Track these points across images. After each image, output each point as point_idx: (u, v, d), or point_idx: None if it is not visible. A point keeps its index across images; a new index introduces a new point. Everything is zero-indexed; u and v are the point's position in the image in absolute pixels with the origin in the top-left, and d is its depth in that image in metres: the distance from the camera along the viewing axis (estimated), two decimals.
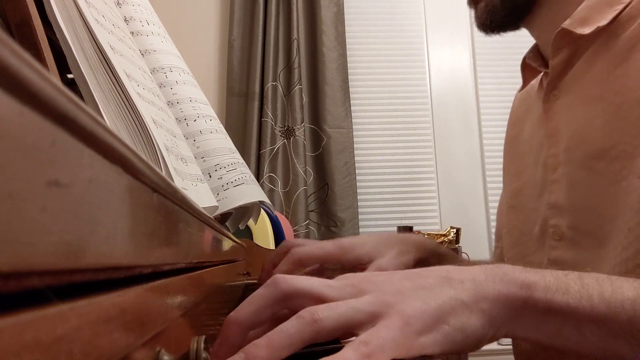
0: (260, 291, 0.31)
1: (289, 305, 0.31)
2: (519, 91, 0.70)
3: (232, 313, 0.30)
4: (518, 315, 0.31)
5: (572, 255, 0.53)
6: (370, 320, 0.28)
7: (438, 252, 0.63)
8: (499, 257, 0.75)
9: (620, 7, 0.50)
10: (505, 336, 0.32)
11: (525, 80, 0.67)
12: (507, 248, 0.66)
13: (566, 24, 0.52)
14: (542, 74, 0.64)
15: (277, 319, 0.31)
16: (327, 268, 0.59)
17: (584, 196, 0.51)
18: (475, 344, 0.30)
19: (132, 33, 0.59)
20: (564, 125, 0.55)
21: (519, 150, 0.68)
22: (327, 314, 0.28)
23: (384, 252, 0.56)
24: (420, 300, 0.29)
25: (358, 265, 0.56)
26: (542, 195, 0.58)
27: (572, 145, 0.53)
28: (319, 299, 0.30)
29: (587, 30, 0.51)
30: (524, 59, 0.64)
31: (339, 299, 0.30)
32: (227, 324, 0.30)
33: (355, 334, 0.28)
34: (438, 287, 0.30)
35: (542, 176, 0.58)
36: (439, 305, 0.29)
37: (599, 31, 0.51)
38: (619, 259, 0.46)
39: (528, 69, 0.65)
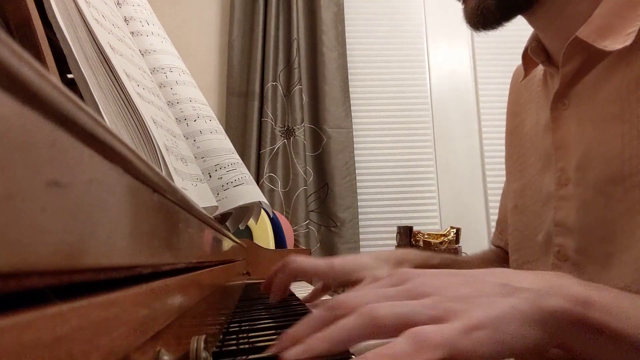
0: (321, 314, 0.31)
1: None
2: (521, 80, 0.66)
3: (291, 330, 0.31)
4: (571, 330, 0.31)
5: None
6: (430, 323, 0.28)
7: (430, 263, 0.67)
8: (496, 242, 0.77)
9: None
10: (557, 346, 0.32)
11: (527, 69, 0.64)
12: (511, 250, 0.65)
13: (583, 34, 0.47)
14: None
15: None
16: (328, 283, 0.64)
17: (596, 221, 0.49)
18: (530, 351, 0.30)
19: (132, 33, 0.59)
20: (574, 138, 0.52)
21: (520, 144, 0.66)
22: (386, 312, 0.28)
23: (378, 267, 0.61)
24: (482, 308, 0.29)
25: (349, 279, 0.60)
26: (548, 205, 0.56)
27: (584, 164, 0.50)
28: None
29: (610, 45, 0.46)
30: (526, 49, 0.61)
31: None
32: (284, 339, 0.31)
33: None
34: (498, 295, 0.30)
35: (549, 185, 0.57)
36: (500, 313, 0.29)
37: None
38: None
39: (530, 58, 0.61)
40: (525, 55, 0.62)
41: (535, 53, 0.59)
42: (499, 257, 0.75)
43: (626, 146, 0.46)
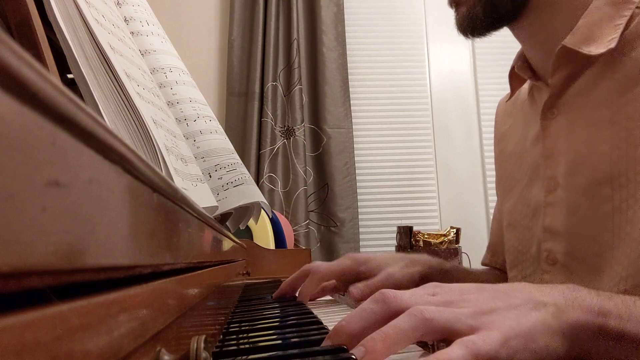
0: (371, 307, 0.33)
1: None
2: (506, 101, 0.69)
3: (343, 322, 0.32)
4: (592, 340, 0.33)
5: (564, 281, 0.52)
6: (468, 331, 0.30)
7: (442, 268, 0.69)
8: (489, 263, 0.77)
9: (623, 21, 0.48)
10: (578, 354, 0.34)
11: (513, 89, 0.67)
12: (509, 267, 0.66)
13: (569, 42, 0.50)
14: (527, 82, 0.63)
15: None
16: (344, 281, 0.66)
17: (584, 223, 0.50)
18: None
19: (132, 33, 0.59)
20: (563, 146, 0.54)
21: (506, 165, 0.68)
22: (435, 315, 0.30)
23: (393, 264, 0.65)
24: (515, 320, 0.31)
25: (370, 275, 0.63)
26: (537, 216, 0.57)
27: (573, 169, 0.52)
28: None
29: (595, 50, 0.49)
30: (512, 68, 0.64)
31: None
32: (338, 332, 0.32)
33: (448, 341, 0.30)
34: (526, 308, 0.32)
35: (537, 196, 0.58)
36: (530, 326, 0.31)
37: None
38: (615, 290, 0.45)
39: (516, 77, 0.64)
40: (511, 75, 0.65)
41: (522, 70, 0.62)
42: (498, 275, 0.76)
43: (615, 148, 0.47)
